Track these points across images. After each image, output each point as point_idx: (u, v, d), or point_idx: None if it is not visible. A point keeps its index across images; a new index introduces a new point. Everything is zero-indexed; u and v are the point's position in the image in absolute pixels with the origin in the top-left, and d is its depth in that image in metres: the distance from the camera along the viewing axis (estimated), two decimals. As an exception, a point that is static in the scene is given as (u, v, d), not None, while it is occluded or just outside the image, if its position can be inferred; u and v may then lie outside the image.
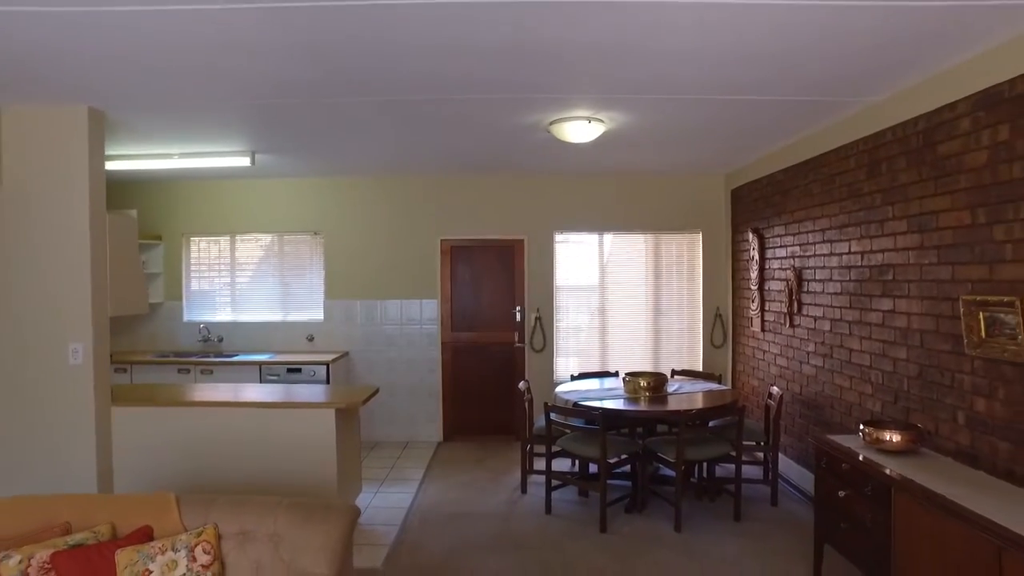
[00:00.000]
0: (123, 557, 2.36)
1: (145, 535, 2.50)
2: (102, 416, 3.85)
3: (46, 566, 2.27)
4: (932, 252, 3.40)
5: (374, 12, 2.54)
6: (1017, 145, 2.79)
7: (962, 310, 3.06)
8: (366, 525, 4.36)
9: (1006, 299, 2.78)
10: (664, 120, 4.31)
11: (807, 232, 4.85)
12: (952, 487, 2.67)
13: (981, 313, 2.95)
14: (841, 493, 3.26)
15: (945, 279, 3.30)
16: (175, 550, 2.42)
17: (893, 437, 3.15)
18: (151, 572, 2.35)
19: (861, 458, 3.14)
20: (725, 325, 6.57)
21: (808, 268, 4.83)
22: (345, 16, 2.57)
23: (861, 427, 3.30)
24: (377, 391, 4.55)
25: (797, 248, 5.01)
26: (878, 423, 3.33)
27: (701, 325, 6.64)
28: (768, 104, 3.92)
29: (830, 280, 4.50)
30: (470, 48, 2.94)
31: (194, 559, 2.42)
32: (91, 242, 3.77)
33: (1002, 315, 2.83)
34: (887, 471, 2.95)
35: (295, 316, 6.71)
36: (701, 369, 6.40)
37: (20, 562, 2.25)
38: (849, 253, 4.25)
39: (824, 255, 4.58)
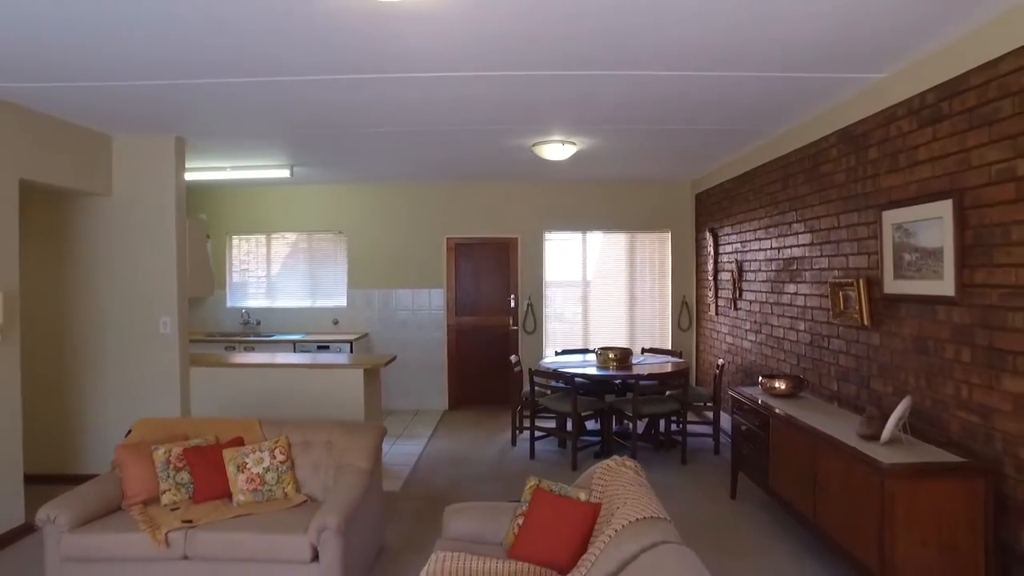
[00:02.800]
0: (228, 454, 3.48)
1: (239, 442, 3.62)
2: (184, 373, 4.98)
3: (180, 456, 3.40)
4: (817, 248, 4.47)
5: (397, 81, 3.64)
6: (859, 171, 3.87)
7: (829, 291, 4.13)
8: (386, 465, 5.47)
9: (851, 281, 3.85)
10: (624, 142, 5.40)
11: (746, 232, 5.91)
12: (805, 414, 3.75)
13: (840, 292, 4.02)
14: (743, 427, 4.35)
15: (824, 268, 4.37)
16: (261, 451, 3.53)
17: (779, 384, 4.24)
18: (247, 463, 3.46)
19: (760, 401, 4.22)
20: (690, 311, 7.64)
21: (746, 261, 5.90)
22: (372, 83, 3.67)
23: (760, 378, 4.39)
24: (395, 357, 5.68)
25: (739, 245, 6.08)
26: (772, 375, 4.40)
27: (670, 311, 7.72)
28: (708, 132, 5.01)
29: (759, 271, 5.57)
30: (468, 102, 4.04)
31: (274, 457, 3.53)
32: (176, 240, 4.90)
33: (850, 293, 3.90)
34: (777, 410, 4.01)
35: (322, 303, 7.84)
36: (670, 349, 7.46)
37: (164, 452, 3.38)
38: (771, 248, 5.31)
39: (755, 250, 5.65)
